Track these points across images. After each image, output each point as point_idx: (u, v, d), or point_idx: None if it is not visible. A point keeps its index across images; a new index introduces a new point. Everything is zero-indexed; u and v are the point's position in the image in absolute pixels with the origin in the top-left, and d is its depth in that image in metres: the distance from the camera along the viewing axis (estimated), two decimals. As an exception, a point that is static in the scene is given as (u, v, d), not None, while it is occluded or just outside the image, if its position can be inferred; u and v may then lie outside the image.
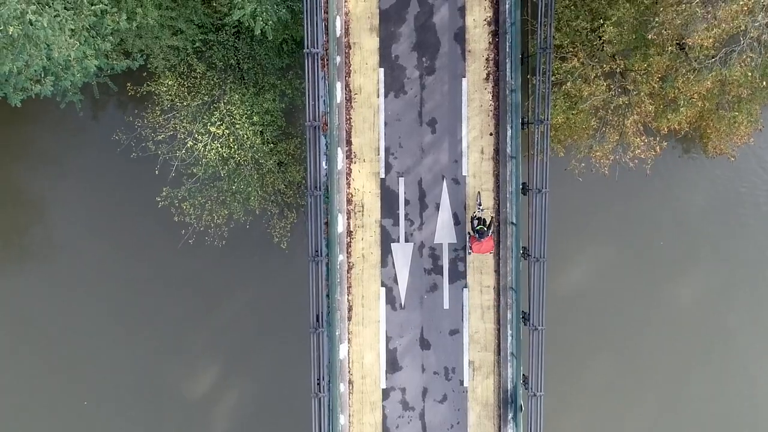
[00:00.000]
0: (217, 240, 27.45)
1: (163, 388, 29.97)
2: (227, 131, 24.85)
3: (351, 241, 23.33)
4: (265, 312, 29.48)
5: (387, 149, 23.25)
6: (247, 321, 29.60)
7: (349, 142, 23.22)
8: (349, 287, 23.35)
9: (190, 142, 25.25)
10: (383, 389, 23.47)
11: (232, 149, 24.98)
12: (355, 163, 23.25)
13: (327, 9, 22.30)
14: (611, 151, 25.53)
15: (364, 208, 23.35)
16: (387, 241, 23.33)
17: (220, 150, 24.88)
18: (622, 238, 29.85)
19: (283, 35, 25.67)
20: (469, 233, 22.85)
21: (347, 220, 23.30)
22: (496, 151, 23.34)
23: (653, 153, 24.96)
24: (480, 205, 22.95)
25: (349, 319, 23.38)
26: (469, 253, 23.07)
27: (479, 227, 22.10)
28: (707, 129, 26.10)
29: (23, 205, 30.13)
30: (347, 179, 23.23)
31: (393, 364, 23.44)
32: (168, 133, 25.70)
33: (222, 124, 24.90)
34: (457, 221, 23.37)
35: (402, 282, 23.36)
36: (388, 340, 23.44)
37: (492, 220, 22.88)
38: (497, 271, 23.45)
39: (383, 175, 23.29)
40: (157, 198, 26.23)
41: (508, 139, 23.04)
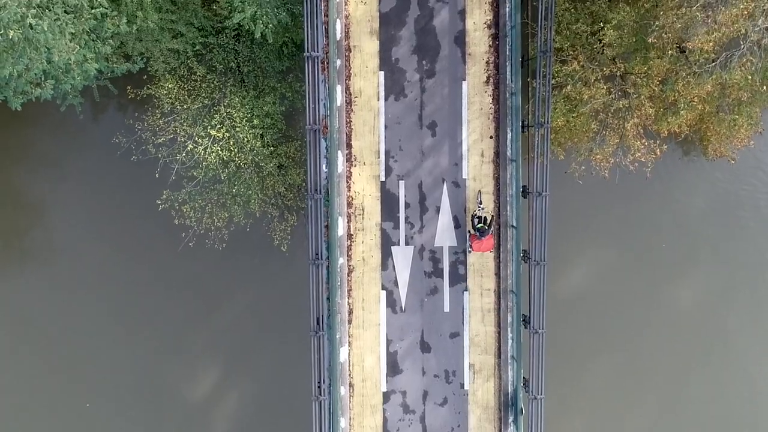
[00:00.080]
0: (218, 243, 27.46)
1: (163, 389, 29.97)
2: (227, 134, 24.84)
3: (351, 244, 23.33)
4: (265, 314, 29.48)
5: (387, 152, 23.24)
6: (248, 323, 29.60)
7: (349, 145, 23.21)
8: (349, 290, 23.34)
9: (190, 145, 25.24)
10: (384, 392, 23.47)
11: (233, 152, 24.97)
12: (355, 166, 23.25)
13: (327, 12, 22.30)
14: (611, 154, 25.54)
15: (364, 211, 23.34)
16: (387, 244, 23.32)
17: (221, 153, 24.87)
18: (623, 241, 29.86)
19: (283, 38, 25.66)
20: (469, 232, 22.86)
21: (347, 223, 23.29)
22: (497, 154, 23.34)
23: (653, 156, 24.95)
24: (480, 203, 22.95)
25: (350, 322, 23.38)
26: (470, 251, 23.06)
27: (480, 226, 22.12)
28: (707, 132, 26.10)
29: (23, 208, 30.11)
30: (347, 182, 23.23)
31: (393, 367, 23.44)
32: (168, 136, 25.70)
33: (222, 127, 24.90)
34: (458, 224, 23.37)
35: (402, 285, 23.36)
36: (389, 343, 23.44)
37: (492, 218, 22.88)
38: (498, 274, 23.45)
39: (383, 178, 23.28)
40: (158, 201, 26.21)
41: (509, 142, 23.04)
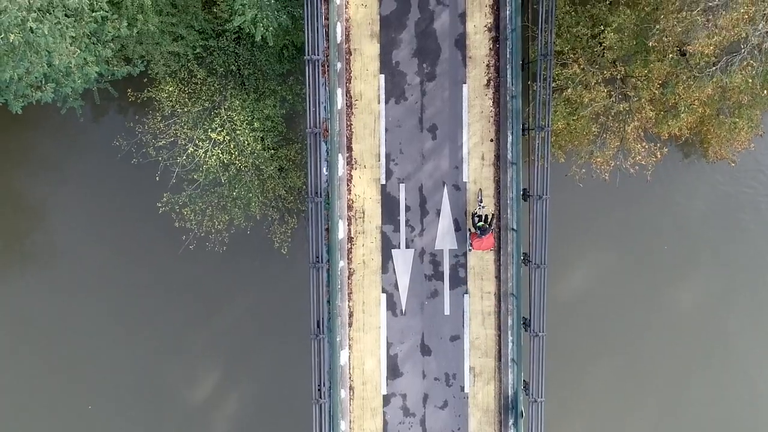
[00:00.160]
0: (218, 246, 27.44)
1: (163, 391, 29.97)
2: (228, 137, 24.83)
3: (352, 248, 23.33)
4: (265, 317, 29.47)
5: (388, 155, 23.24)
6: (248, 325, 29.58)
7: (349, 149, 23.22)
8: (349, 293, 23.34)
9: (190, 148, 25.23)
10: (384, 395, 23.47)
11: (233, 155, 24.97)
12: (355, 169, 23.25)
13: (328, 15, 22.30)
14: (612, 157, 25.55)
15: (364, 214, 23.34)
16: (388, 247, 23.32)
17: (221, 156, 24.86)
18: (623, 243, 29.85)
19: (284, 41, 25.66)
20: (469, 230, 22.86)
21: (348, 226, 23.29)
22: (497, 157, 23.33)
23: (654, 159, 24.96)
24: (481, 202, 22.94)
25: (350, 325, 23.37)
26: (470, 249, 23.04)
27: (480, 224, 22.11)
28: (708, 134, 26.11)
29: (24, 210, 30.09)
30: (348, 185, 23.23)
31: (394, 370, 23.44)
32: (169, 139, 25.69)
33: (223, 130, 24.89)
34: (458, 227, 23.36)
35: (403, 288, 23.36)
36: (389, 346, 23.43)
37: (493, 217, 22.88)
38: (498, 277, 23.45)
39: (384, 182, 23.28)
40: (158, 204, 26.20)
41: (509, 146, 23.04)
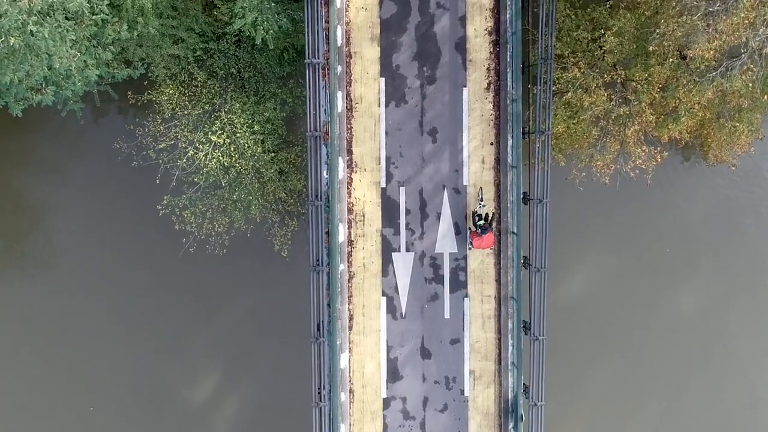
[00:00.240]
0: (218, 248, 27.41)
1: (163, 392, 30.00)
2: (228, 140, 24.83)
3: (352, 251, 23.33)
4: (265, 319, 29.48)
5: (388, 159, 23.24)
6: (248, 328, 29.59)
7: (350, 152, 23.21)
8: (350, 296, 23.34)
9: (191, 151, 25.23)
10: (384, 398, 23.47)
11: (233, 158, 24.95)
12: (356, 172, 23.25)
13: (328, 18, 22.31)
14: (612, 161, 25.53)
15: (365, 217, 23.34)
16: (388, 250, 23.32)
17: (221, 159, 24.85)
18: (623, 247, 29.84)
19: (284, 43, 25.66)
20: (470, 228, 22.86)
21: (348, 229, 23.28)
22: (497, 160, 23.33)
23: (654, 162, 24.95)
24: (482, 200, 22.93)
25: (350, 328, 23.37)
26: (470, 248, 23.03)
27: (480, 223, 22.10)
28: (708, 138, 26.09)
29: (24, 212, 30.13)
30: (348, 189, 23.22)
31: (394, 374, 23.43)
32: (169, 142, 25.67)
33: (223, 133, 24.88)
34: (458, 231, 23.36)
35: (403, 291, 23.36)
36: (389, 349, 23.43)
37: (494, 215, 22.87)
38: (498, 281, 23.45)
39: (384, 185, 23.28)
40: (158, 206, 26.18)
41: (509, 149, 23.03)
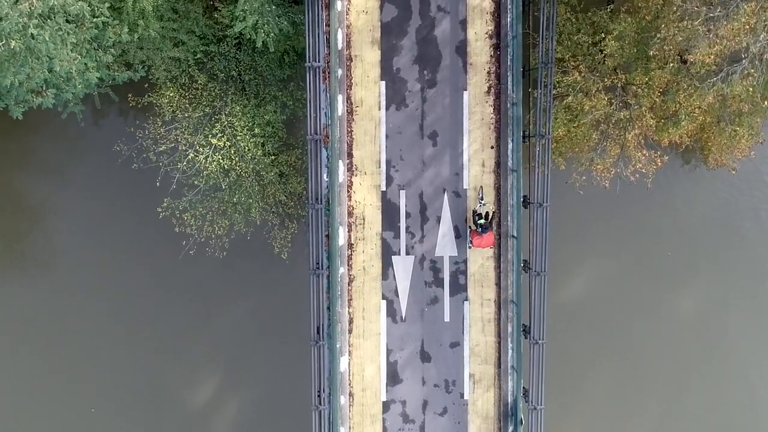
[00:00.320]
0: (218, 251, 27.39)
1: (163, 393, 29.99)
2: (228, 143, 24.82)
3: (352, 254, 23.33)
4: (265, 321, 29.47)
5: (388, 162, 23.24)
6: (248, 330, 29.58)
7: (350, 155, 23.21)
8: (349, 300, 23.34)
9: (191, 153, 25.21)
10: (384, 402, 23.48)
11: (234, 161, 24.94)
12: (356, 175, 23.25)
13: (329, 22, 22.31)
14: (612, 165, 25.52)
15: (365, 220, 23.34)
16: (388, 253, 23.32)
17: (222, 162, 24.84)
18: (623, 250, 29.83)
19: (285, 46, 25.64)
20: (470, 227, 22.86)
21: (348, 232, 23.28)
22: (497, 164, 23.33)
23: (654, 166, 24.94)
24: (482, 199, 22.92)
25: (350, 331, 23.38)
26: (470, 247, 23.02)
27: (481, 222, 22.09)
28: (708, 142, 26.09)
29: (24, 212, 30.11)
30: (348, 192, 23.22)
31: (393, 377, 23.44)
32: (170, 144, 25.66)
33: (223, 136, 24.87)
34: (458, 234, 23.35)
35: (403, 295, 23.36)
36: (389, 352, 23.44)
37: (494, 214, 22.86)
38: (498, 284, 23.45)
39: (384, 188, 23.28)
40: (158, 209, 26.17)
41: (510, 153, 23.01)
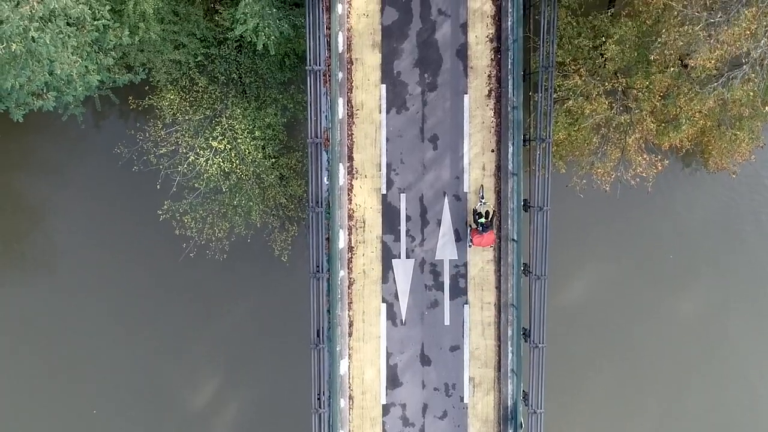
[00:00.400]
0: (218, 254, 27.37)
1: (163, 395, 30.01)
2: (229, 146, 24.80)
3: (352, 257, 23.33)
4: (265, 324, 29.47)
5: (388, 165, 23.24)
6: (248, 333, 29.58)
7: (350, 158, 23.21)
8: (350, 303, 23.35)
9: (191, 156, 25.18)
10: (383, 405, 23.49)
11: (234, 164, 24.93)
12: (356, 178, 23.24)
13: (329, 25, 22.30)
14: (613, 168, 25.51)
15: (365, 223, 23.34)
16: (388, 257, 23.32)
17: (222, 165, 24.82)
18: (623, 254, 29.83)
19: (285, 49, 25.63)
20: (470, 226, 22.86)
21: (348, 235, 23.28)
22: (498, 167, 23.32)
23: (655, 170, 24.92)
24: (482, 198, 22.93)
25: (350, 334, 23.38)
26: (470, 245, 23.05)
27: (481, 220, 22.10)
28: (708, 145, 26.09)
29: (24, 213, 30.10)
30: (348, 195, 23.22)
31: (393, 380, 23.45)
32: (170, 147, 25.64)
33: (224, 139, 24.85)
34: (459, 237, 23.35)
35: (403, 298, 23.37)
36: (389, 355, 23.44)
37: (494, 213, 22.87)
38: (498, 288, 23.45)
39: (384, 191, 23.27)
40: (159, 211, 26.16)
41: (510, 156, 23.01)
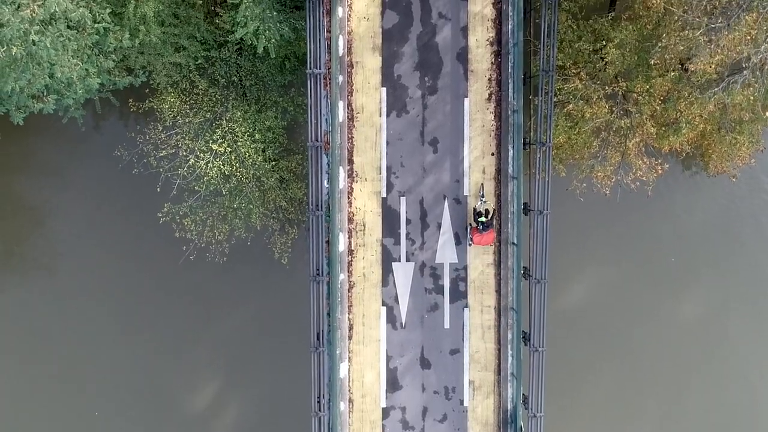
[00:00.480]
0: (218, 257, 27.34)
1: (163, 397, 30.00)
2: (229, 149, 24.79)
3: (352, 260, 23.33)
4: (265, 326, 29.47)
5: (389, 168, 23.24)
6: (248, 335, 29.58)
7: (350, 161, 23.21)
8: (349, 306, 23.35)
9: (192, 159, 25.18)
10: (383, 408, 23.48)
11: (234, 167, 24.92)
12: (356, 182, 23.25)
13: (330, 28, 22.30)
14: (613, 172, 25.51)
15: (365, 227, 23.34)
16: (388, 260, 23.33)
17: (222, 167, 24.80)
18: (623, 257, 29.83)
19: (286, 51, 25.62)
20: (470, 224, 22.87)
21: (348, 239, 23.28)
22: (498, 171, 23.32)
23: (655, 174, 24.94)
24: (483, 196, 22.94)
25: (350, 338, 23.39)
26: (470, 244, 23.06)
27: (481, 219, 22.11)
28: (708, 149, 26.10)
29: (24, 215, 30.10)
30: (349, 198, 23.23)
31: (393, 383, 23.45)
32: (170, 150, 25.62)
33: (224, 142, 24.84)
34: (458, 241, 23.36)
35: (403, 301, 23.37)
36: (389, 359, 23.44)
37: (495, 211, 22.88)
38: (498, 291, 23.46)
39: (384, 195, 23.28)
40: (159, 214, 26.15)
41: (510, 160, 23.00)
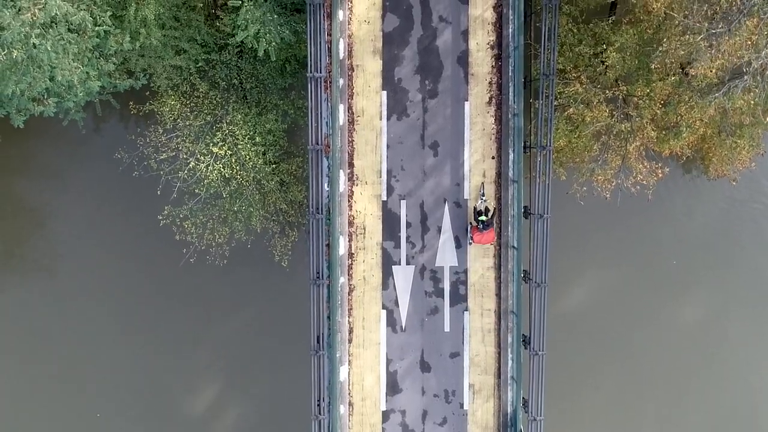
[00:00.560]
0: (219, 259, 27.34)
1: (163, 399, 30.00)
2: (229, 151, 24.79)
3: (352, 264, 23.34)
4: (266, 329, 29.45)
5: (389, 172, 23.25)
6: (248, 338, 29.56)
7: (351, 165, 23.22)
8: (350, 309, 23.35)
9: (192, 162, 25.18)
10: (383, 411, 23.49)
11: (235, 170, 24.91)
12: (357, 185, 23.26)
13: (330, 31, 22.31)
14: (613, 176, 25.52)
15: (365, 230, 23.35)
16: (388, 263, 23.34)
17: (223, 170, 24.81)
18: (623, 260, 29.83)
19: (286, 54, 25.63)
20: (471, 223, 22.88)
21: (349, 242, 23.29)
22: (498, 174, 23.34)
23: (655, 178, 24.95)
24: (483, 196, 22.94)
25: (350, 341, 23.40)
26: (470, 243, 23.08)
27: (482, 218, 22.12)
28: (709, 153, 26.12)
29: (25, 217, 30.09)
30: (349, 201, 23.24)
31: (393, 387, 23.46)
32: (171, 153, 25.62)
33: (224, 144, 24.83)
34: (459, 244, 23.37)
35: (403, 304, 23.38)
36: (389, 362, 23.45)
37: (495, 210, 22.89)
38: (498, 295, 23.47)
39: (385, 198, 23.29)
40: (159, 216, 26.15)
41: (510, 163, 23.03)
